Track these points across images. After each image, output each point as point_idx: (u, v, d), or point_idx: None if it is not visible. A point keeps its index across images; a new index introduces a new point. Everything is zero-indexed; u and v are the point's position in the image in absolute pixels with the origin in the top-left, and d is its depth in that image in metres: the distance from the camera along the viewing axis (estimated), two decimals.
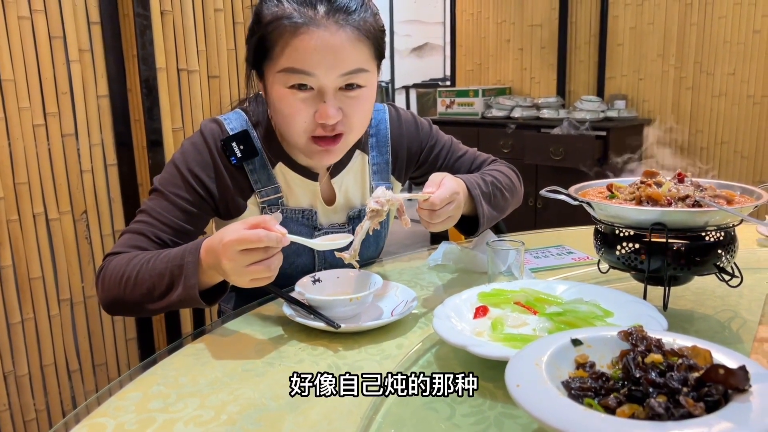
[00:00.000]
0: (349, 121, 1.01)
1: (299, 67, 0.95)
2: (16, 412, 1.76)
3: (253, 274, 0.84)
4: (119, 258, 0.98)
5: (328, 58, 0.95)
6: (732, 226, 0.88)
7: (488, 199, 1.14)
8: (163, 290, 0.92)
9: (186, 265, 0.89)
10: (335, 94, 0.98)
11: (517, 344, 0.77)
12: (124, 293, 0.95)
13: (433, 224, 1.01)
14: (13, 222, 1.69)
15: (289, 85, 0.97)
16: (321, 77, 0.96)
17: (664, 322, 0.79)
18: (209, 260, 0.88)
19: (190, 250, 0.91)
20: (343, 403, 0.71)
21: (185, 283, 0.89)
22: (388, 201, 0.95)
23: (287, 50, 0.95)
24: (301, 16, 0.94)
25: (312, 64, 0.95)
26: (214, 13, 1.97)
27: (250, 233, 0.82)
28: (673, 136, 3.44)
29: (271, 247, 0.83)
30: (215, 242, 0.86)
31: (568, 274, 1.15)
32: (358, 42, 0.97)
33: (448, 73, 6.18)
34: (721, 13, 3.24)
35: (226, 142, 1.07)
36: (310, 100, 0.98)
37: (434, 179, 1.03)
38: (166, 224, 1.03)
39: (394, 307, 0.97)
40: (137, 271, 0.94)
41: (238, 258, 0.83)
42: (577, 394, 0.58)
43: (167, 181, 1.06)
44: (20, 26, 1.64)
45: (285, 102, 0.98)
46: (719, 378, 0.54)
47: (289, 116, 0.99)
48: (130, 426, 0.69)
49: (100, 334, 1.91)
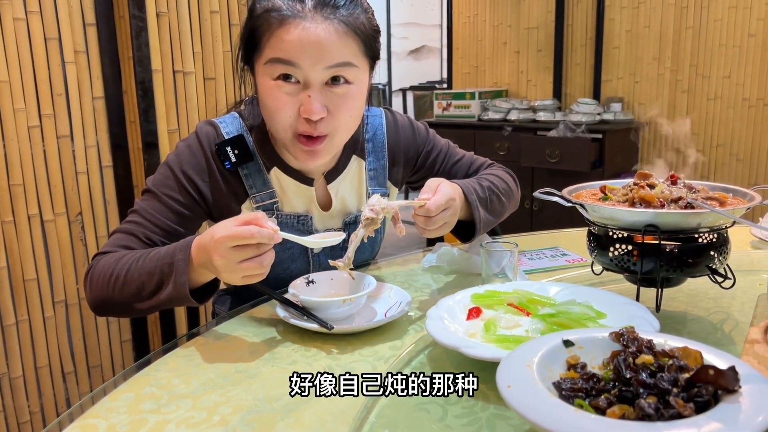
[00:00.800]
0: (334, 121, 1.00)
1: (284, 57, 0.95)
2: (10, 414, 1.76)
3: (245, 271, 0.83)
4: (107, 257, 0.98)
5: (313, 50, 0.95)
6: (725, 228, 0.88)
7: (485, 205, 1.14)
8: (153, 289, 0.92)
9: (176, 263, 0.89)
10: (321, 89, 0.98)
11: (509, 345, 0.77)
12: (113, 293, 0.95)
13: (429, 231, 1.01)
14: (7, 223, 1.68)
15: (274, 76, 0.97)
16: (306, 69, 0.96)
17: (656, 323, 0.79)
18: (200, 258, 0.88)
19: (181, 248, 0.90)
20: (335, 404, 0.71)
21: (175, 281, 0.89)
22: (383, 209, 0.94)
23: (273, 41, 0.96)
24: (289, 8, 0.95)
25: (297, 54, 0.95)
26: (210, 15, 1.97)
27: (242, 230, 0.81)
28: (667, 138, 3.45)
29: (263, 243, 0.83)
30: (206, 239, 0.85)
31: (562, 276, 1.16)
32: (345, 36, 0.97)
33: (444, 75, 6.20)
34: (716, 16, 3.25)
35: (221, 147, 1.06)
36: (295, 94, 0.98)
37: (430, 185, 1.03)
38: (157, 225, 1.03)
39: (388, 309, 0.97)
40: (126, 270, 0.94)
41: (230, 255, 0.82)
42: (568, 395, 0.58)
43: (160, 182, 1.06)
44: (15, 27, 1.64)
45: (271, 95, 0.98)
46: (709, 379, 0.54)
47: (274, 109, 0.99)
48: (122, 427, 0.69)
49: (94, 336, 1.91)
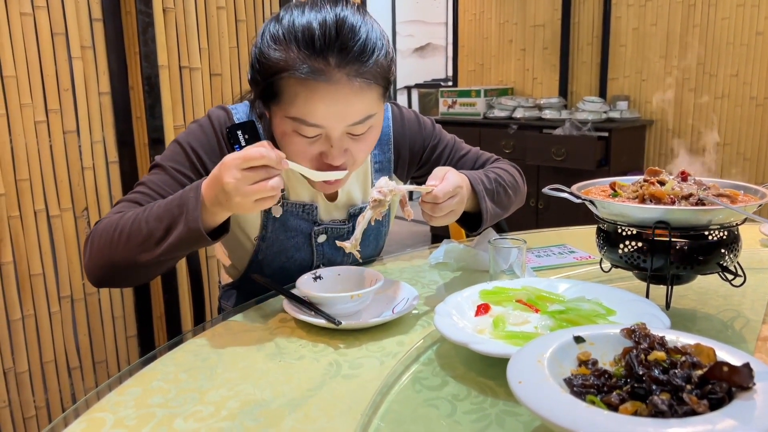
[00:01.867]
0: (353, 158, 1.00)
1: (308, 119, 0.93)
2: (15, 409, 1.76)
3: (257, 194, 0.83)
4: (109, 218, 0.96)
5: (337, 112, 0.93)
6: (735, 225, 0.87)
7: (491, 196, 1.13)
8: (162, 234, 0.89)
9: (188, 202, 0.88)
10: (342, 137, 0.97)
11: (518, 342, 0.76)
12: (116, 249, 0.92)
13: (436, 218, 1.00)
14: (14, 218, 1.69)
15: (294, 128, 0.95)
16: (329, 128, 0.94)
17: (667, 320, 0.78)
18: (211, 193, 0.86)
19: (191, 188, 0.89)
20: (343, 399, 0.71)
21: (187, 218, 0.87)
22: (390, 191, 0.94)
23: (296, 101, 0.92)
24: (311, 69, 0.90)
25: (320, 117, 0.93)
26: (217, 10, 1.97)
27: (252, 150, 0.83)
28: (674, 137, 3.43)
29: (272, 167, 0.83)
30: (215, 170, 0.86)
31: (570, 273, 1.15)
32: (368, 90, 0.94)
33: (450, 73, 6.18)
34: (723, 14, 3.24)
35: (232, 130, 1.06)
36: (316, 143, 0.97)
37: (437, 173, 1.02)
38: (163, 197, 1.00)
39: (396, 305, 0.97)
40: (131, 222, 0.91)
41: (241, 176, 0.82)
42: (580, 391, 0.57)
43: (169, 157, 1.05)
44: (22, 22, 1.64)
45: (290, 141, 0.97)
46: (723, 375, 0.54)
47: (293, 154, 0.97)
48: (130, 421, 0.69)
49: (100, 332, 1.91)
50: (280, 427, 0.67)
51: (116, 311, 1.94)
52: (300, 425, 0.67)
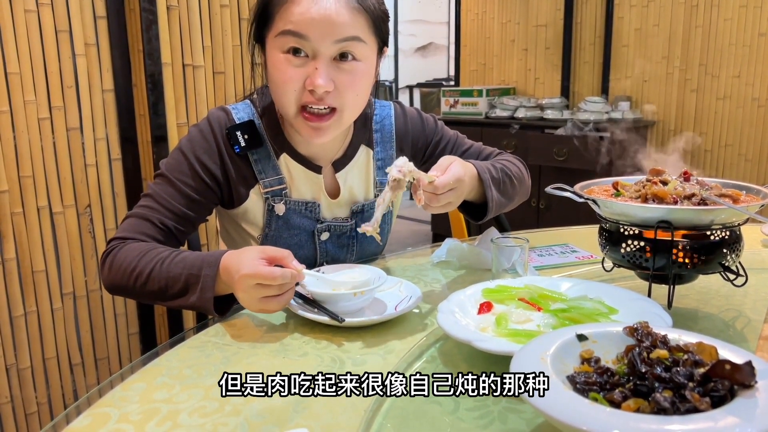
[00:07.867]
0: (340, 96, 1.01)
1: (294, 29, 0.97)
2: (18, 405, 1.77)
3: (264, 305, 0.88)
4: (129, 248, 1.00)
5: (323, 23, 0.96)
6: (737, 225, 0.88)
7: (497, 185, 1.14)
8: (176, 292, 0.95)
9: (204, 278, 0.92)
10: (329, 63, 0.99)
11: (521, 340, 0.76)
12: (133, 286, 0.97)
13: (432, 207, 1.02)
14: (17, 215, 1.69)
15: (284, 49, 0.99)
16: (315, 42, 0.97)
17: (669, 319, 0.78)
18: (225, 278, 0.91)
19: (209, 263, 0.92)
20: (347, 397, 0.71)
21: (201, 294, 0.92)
22: (410, 171, 0.97)
23: (284, 14, 0.98)
24: None
25: (306, 27, 0.96)
26: (220, 8, 1.97)
27: (266, 271, 0.85)
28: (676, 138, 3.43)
29: (286, 283, 0.87)
30: (233, 267, 0.89)
31: (572, 272, 1.15)
32: (355, 11, 0.98)
33: (452, 72, 6.19)
34: (726, 15, 3.24)
35: (231, 131, 1.08)
36: (303, 67, 0.99)
37: (442, 163, 1.04)
38: (171, 210, 1.05)
39: (398, 302, 0.97)
40: (150, 270, 0.96)
41: (252, 291, 0.87)
42: (583, 389, 0.58)
43: (173, 167, 1.08)
44: (26, 19, 1.65)
45: (279, 68, 1.00)
46: (725, 373, 0.54)
47: (282, 82, 1.00)
48: (135, 416, 0.69)
49: (102, 328, 1.92)
50: (284, 423, 0.67)
51: (118, 308, 1.94)
52: (304, 421, 0.67)
